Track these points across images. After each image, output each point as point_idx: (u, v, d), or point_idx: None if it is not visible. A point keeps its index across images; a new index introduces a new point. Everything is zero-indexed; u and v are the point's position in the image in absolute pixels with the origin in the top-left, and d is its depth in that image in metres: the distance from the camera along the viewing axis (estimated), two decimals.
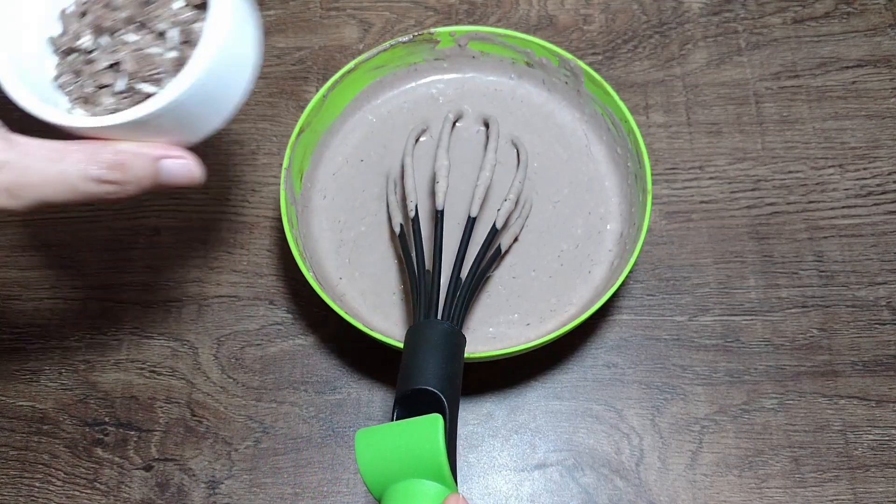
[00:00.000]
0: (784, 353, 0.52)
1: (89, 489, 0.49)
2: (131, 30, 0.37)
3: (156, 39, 0.37)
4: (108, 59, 0.37)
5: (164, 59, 0.36)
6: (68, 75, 0.37)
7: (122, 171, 0.33)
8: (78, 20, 0.38)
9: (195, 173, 0.35)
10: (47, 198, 0.32)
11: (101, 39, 0.37)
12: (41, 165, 0.31)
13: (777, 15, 0.62)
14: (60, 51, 0.38)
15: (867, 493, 0.48)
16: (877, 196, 0.56)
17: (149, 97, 0.35)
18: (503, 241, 0.49)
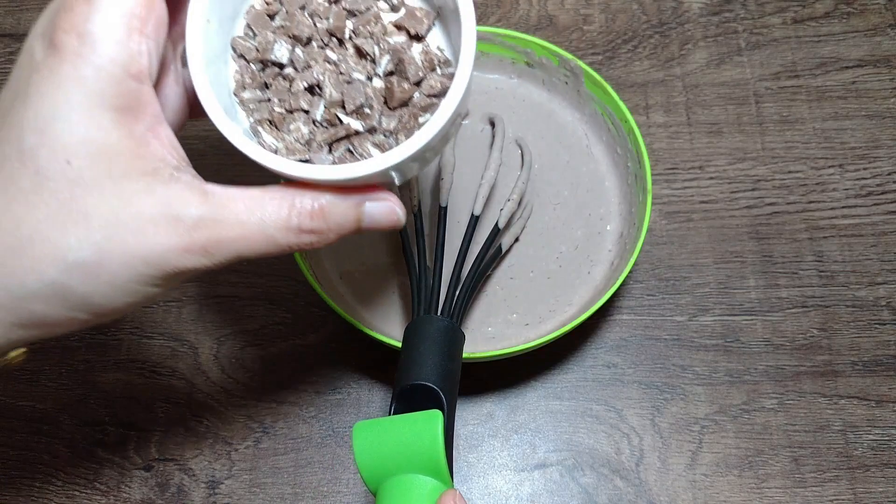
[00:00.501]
0: (784, 353, 0.52)
1: (89, 489, 0.49)
2: (333, 45, 0.32)
3: (359, 60, 0.32)
4: (306, 80, 0.31)
5: (369, 89, 0.31)
6: (253, 90, 0.32)
7: (323, 220, 0.30)
8: (268, 23, 0.32)
9: (399, 215, 0.31)
10: (244, 252, 0.29)
11: (298, 51, 0.32)
12: (239, 218, 0.28)
13: (777, 15, 0.62)
14: (244, 57, 0.32)
15: (867, 493, 0.48)
16: (877, 196, 0.56)
17: (352, 133, 0.31)
18: (504, 241, 0.49)
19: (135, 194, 0.27)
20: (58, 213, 0.26)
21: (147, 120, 0.28)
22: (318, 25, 0.32)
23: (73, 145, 0.26)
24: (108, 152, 0.27)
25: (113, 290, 0.28)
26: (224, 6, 0.31)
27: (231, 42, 0.32)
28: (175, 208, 0.28)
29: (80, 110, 0.26)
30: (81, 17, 0.26)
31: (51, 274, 0.27)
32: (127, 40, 0.27)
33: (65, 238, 0.27)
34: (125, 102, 0.27)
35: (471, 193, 0.51)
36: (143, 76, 0.27)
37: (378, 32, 0.32)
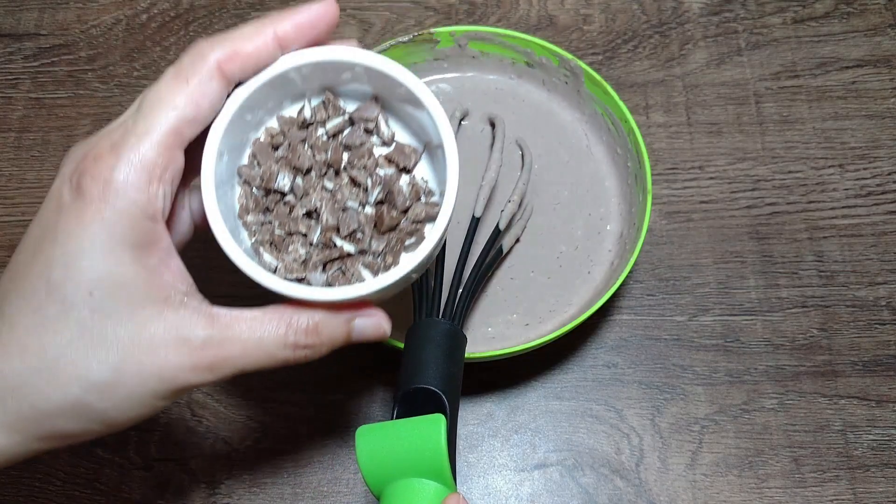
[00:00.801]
0: (784, 353, 0.52)
1: (89, 489, 0.49)
2: (330, 175, 0.36)
3: (353, 189, 0.35)
4: (305, 206, 0.35)
5: (361, 216, 0.35)
6: (256, 214, 0.35)
7: (317, 335, 0.33)
8: (272, 153, 0.36)
9: (384, 329, 0.35)
10: (245, 367, 0.32)
11: (298, 180, 0.35)
12: (241, 337, 0.32)
13: (777, 15, 0.62)
14: (249, 184, 0.35)
15: (867, 494, 0.48)
16: (877, 196, 0.56)
17: (345, 255, 0.35)
18: (505, 243, 0.49)
19: (149, 320, 0.30)
20: (80, 338, 0.30)
21: (160, 254, 0.31)
22: (316, 157, 0.35)
23: (95, 279, 0.30)
24: (126, 284, 0.30)
25: (128, 405, 0.31)
26: (234, 138, 0.34)
27: (238, 169, 0.35)
28: (184, 331, 0.31)
29: (102, 249, 0.30)
30: (107, 167, 0.30)
31: (74, 392, 0.30)
32: (146, 187, 0.30)
33: (87, 360, 0.30)
34: (141, 240, 0.31)
35: (471, 195, 0.51)
36: (157, 216, 0.31)
37: (370, 165, 0.36)
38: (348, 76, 0.35)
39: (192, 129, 0.31)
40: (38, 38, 0.63)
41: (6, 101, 0.61)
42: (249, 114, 0.34)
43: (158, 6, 0.64)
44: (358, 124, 0.36)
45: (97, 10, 0.64)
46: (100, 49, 0.62)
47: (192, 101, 0.31)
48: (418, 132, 0.37)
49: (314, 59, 0.34)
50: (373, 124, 0.36)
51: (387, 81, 0.35)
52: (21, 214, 0.57)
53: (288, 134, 0.36)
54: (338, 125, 0.36)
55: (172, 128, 0.31)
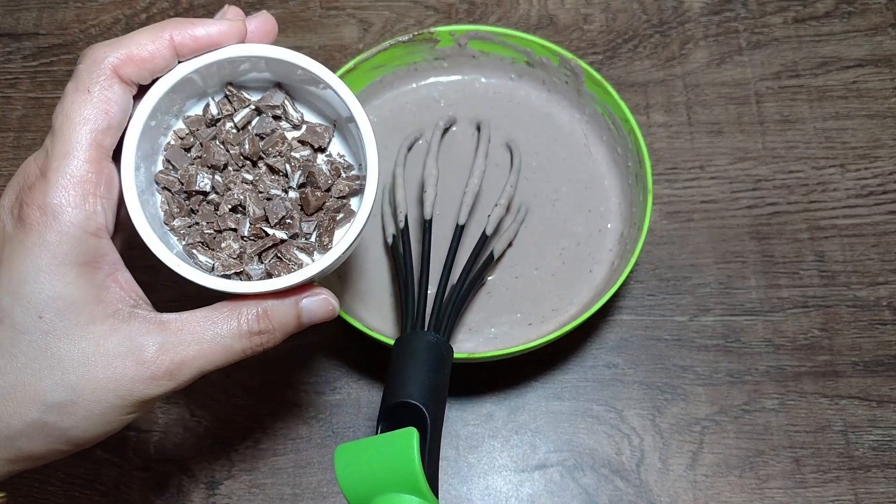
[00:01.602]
0: (785, 353, 0.51)
1: (88, 489, 0.49)
2: (247, 166, 0.36)
3: (273, 177, 0.36)
4: (230, 202, 0.35)
5: (287, 202, 0.35)
6: (182, 217, 0.35)
7: (268, 321, 0.33)
8: (185, 156, 0.36)
9: (333, 306, 0.35)
10: (205, 367, 0.33)
11: (217, 177, 0.35)
12: (195, 338, 0.32)
13: (778, 14, 0.62)
14: (169, 190, 0.35)
15: (868, 494, 0.48)
16: (878, 196, 0.56)
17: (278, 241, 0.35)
18: (496, 247, 0.48)
19: (101, 336, 0.31)
20: (34, 361, 0.30)
21: (106, 268, 0.32)
22: (230, 151, 0.35)
23: (42, 302, 0.30)
24: (75, 303, 0.31)
25: (89, 423, 0.31)
26: (144, 147, 0.34)
27: (154, 177, 0.35)
28: (137, 341, 0.31)
29: (48, 271, 0.30)
30: (40, 192, 0.30)
31: (32, 414, 0.30)
32: (83, 204, 0.30)
33: (42, 382, 0.30)
34: (86, 258, 0.31)
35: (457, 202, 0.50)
36: (100, 231, 0.31)
37: (285, 150, 0.36)
38: (247, 67, 0.35)
39: (109, 137, 0.32)
40: (37, 37, 0.63)
41: (5, 101, 0.61)
42: (155, 119, 0.34)
43: (158, 6, 0.63)
44: (265, 112, 0.36)
45: (96, 9, 0.64)
46: None
47: (100, 110, 0.31)
48: (325, 110, 0.37)
49: (215, 59, 0.34)
50: (280, 110, 0.36)
51: (285, 67, 0.35)
52: None
53: (197, 133, 0.36)
54: (245, 116, 0.36)
55: (91, 142, 0.31)
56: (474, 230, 0.49)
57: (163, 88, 0.33)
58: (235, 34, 0.34)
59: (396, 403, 0.38)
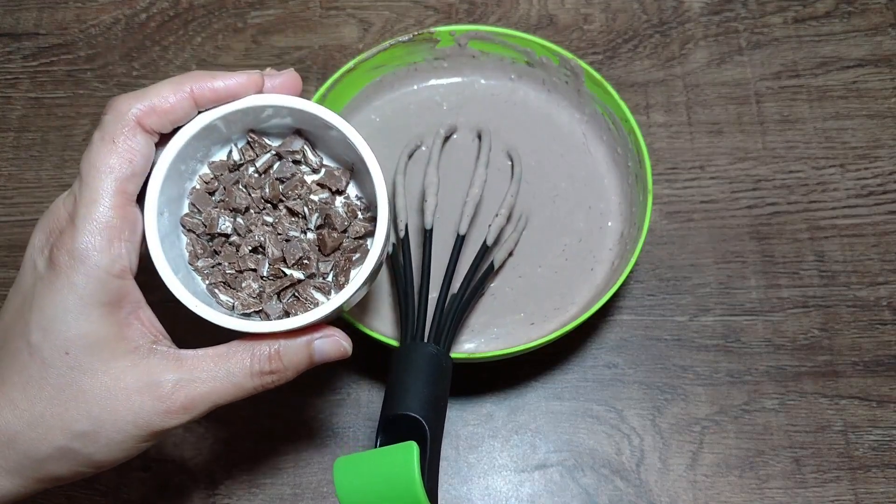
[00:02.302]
0: (785, 353, 0.51)
1: (88, 490, 0.49)
2: (268, 209, 0.38)
3: (292, 219, 0.38)
4: (250, 244, 0.37)
5: (304, 243, 0.37)
6: (205, 259, 0.37)
7: (280, 361, 0.35)
8: (209, 199, 0.38)
9: (345, 347, 0.37)
10: (218, 402, 0.35)
11: (239, 219, 0.37)
12: (209, 375, 0.34)
13: (778, 14, 0.62)
14: (193, 232, 0.37)
15: (868, 494, 0.48)
16: (878, 196, 0.56)
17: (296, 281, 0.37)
18: (497, 257, 0.48)
19: (122, 371, 0.33)
20: (60, 392, 0.33)
21: (128, 307, 0.34)
22: (252, 195, 0.37)
23: (69, 339, 0.33)
24: (98, 341, 0.33)
25: (110, 450, 0.34)
26: (171, 191, 0.36)
27: (180, 220, 0.37)
28: (155, 377, 0.34)
29: (75, 311, 0.33)
30: (69, 237, 0.33)
31: (59, 441, 0.33)
32: (108, 248, 0.33)
33: (68, 412, 0.33)
34: (110, 297, 0.33)
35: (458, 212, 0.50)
36: (124, 273, 0.34)
37: (304, 193, 0.38)
38: (269, 114, 0.37)
39: (133, 184, 0.34)
40: (37, 37, 0.63)
41: (5, 101, 0.61)
42: (183, 165, 0.36)
43: (157, 5, 0.63)
44: (285, 157, 0.38)
45: (96, 9, 0.64)
46: (99, 49, 0.62)
47: (124, 159, 0.33)
48: (343, 155, 0.39)
49: (237, 108, 0.36)
50: (300, 155, 0.38)
51: (304, 115, 0.37)
52: (20, 214, 0.57)
53: (221, 178, 0.38)
54: (267, 161, 0.38)
55: (116, 189, 0.33)
56: (475, 240, 0.49)
57: (185, 137, 0.35)
58: (252, 86, 0.36)
59: (396, 415, 0.38)
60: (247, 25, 0.62)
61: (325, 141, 0.38)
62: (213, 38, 0.62)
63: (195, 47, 0.62)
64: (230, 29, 0.62)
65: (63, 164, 0.59)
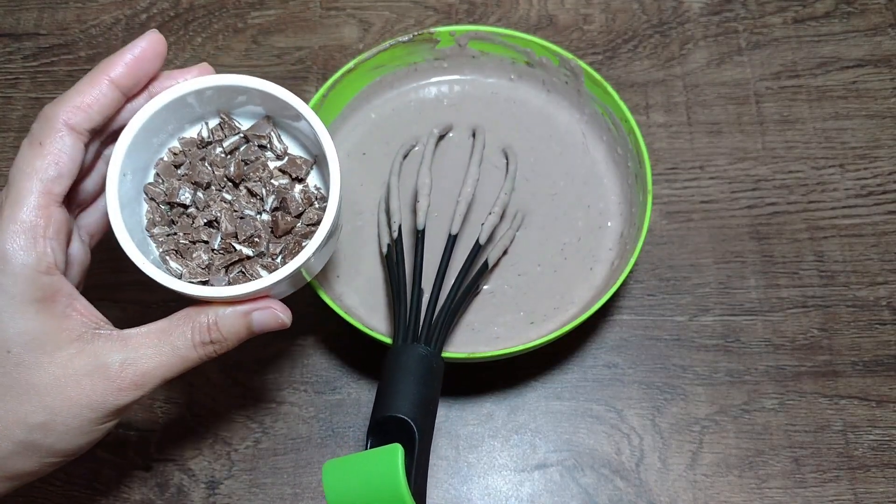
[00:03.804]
0: (784, 353, 0.52)
1: (89, 489, 0.49)
2: (228, 187, 0.40)
3: (250, 199, 0.39)
4: (206, 217, 0.39)
5: (258, 222, 0.39)
6: (162, 226, 0.39)
7: (218, 331, 0.37)
8: (174, 172, 0.40)
9: (283, 319, 0.38)
10: (166, 376, 0.36)
11: (199, 194, 0.39)
12: (154, 350, 0.36)
13: (777, 14, 0.62)
14: (154, 200, 0.39)
15: (868, 494, 0.48)
16: (877, 196, 0.56)
17: (244, 257, 0.38)
18: (491, 256, 0.48)
19: (68, 359, 0.34)
20: (10, 391, 0.34)
21: (63, 300, 0.35)
22: (215, 173, 0.39)
23: (9, 339, 0.34)
24: (39, 336, 0.34)
25: (71, 437, 0.35)
26: (138, 160, 0.38)
27: (144, 188, 0.39)
28: (102, 359, 0.35)
29: (9, 311, 0.34)
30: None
31: (18, 436, 0.34)
32: (33, 247, 0.34)
33: (22, 407, 0.34)
34: (43, 294, 0.34)
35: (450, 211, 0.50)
36: (51, 269, 0.34)
37: (265, 177, 0.40)
38: (243, 99, 0.39)
39: (59, 185, 0.35)
40: (37, 37, 0.63)
41: (6, 101, 0.61)
42: (154, 136, 0.38)
43: (158, 6, 0.63)
44: (252, 141, 0.40)
45: (96, 9, 0.64)
46: (99, 49, 0.62)
47: (50, 162, 0.34)
48: (310, 147, 0.41)
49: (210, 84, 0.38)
50: (266, 140, 0.40)
51: (276, 102, 0.38)
52: None
53: (188, 153, 0.40)
54: (234, 143, 0.40)
55: (41, 190, 0.34)
56: (469, 239, 0.49)
57: (155, 106, 0.37)
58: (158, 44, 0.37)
59: (385, 418, 0.38)
60: (247, 26, 0.63)
61: (294, 132, 0.41)
62: (214, 38, 0.62)
63: (195, 48, 0.62)
64: (230, 29, 0.62)
65: None
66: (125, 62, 0.36)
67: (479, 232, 0.48)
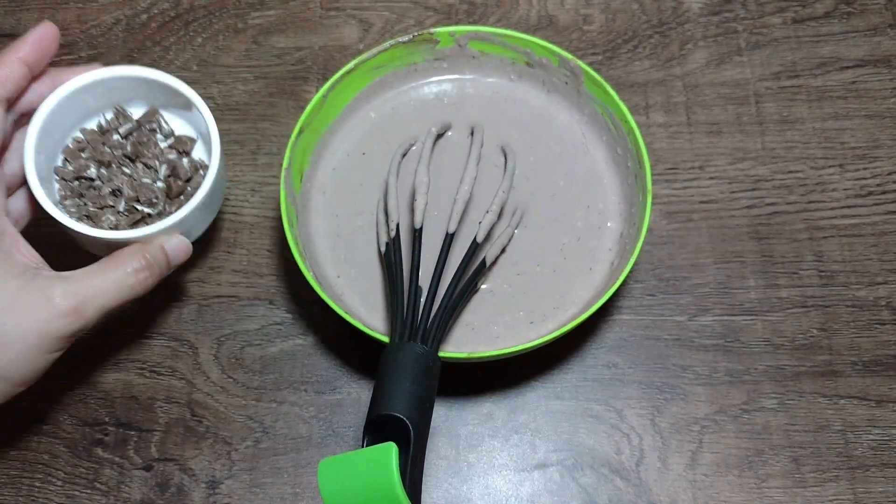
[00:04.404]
0: (784, 353, 0.52)
1: (89, 489, 0.49)
2: (126, 163, 0.48)
3: (146, 171, 0.48)
4: (110, 186, 0.47)
5: (155, 188, 0.48)
6: (72, 198, 0.47)
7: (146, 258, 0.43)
8: (79, 155, 0.48)
9: (189, 248, 0.46)
10: (105, 304, 0.42)
11: (102, 170, 0.48)
12: (92, 282, 0.41)
13: (777, 15, 0.62)
14: (64, 179, 0.48)
15: (867, 494, 0.48)
16: (877, 196, 0.56)
17: (146, 215, 0.47)
18: (489, 254, 0.48)
19: (16, 290, 0.39)
20: None
21: (8, 241, 0.41)
22: (115, 153, 0.48)
23: None
24: None
25: (22, 364, 0.40)
26: (48, 145, 0.47)
27: (54, 170, 0.48)
28: (46, 291, 0.40)
29: None
30: None
31: None
32: None
33: None
34: None
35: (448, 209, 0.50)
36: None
37: (157, 153, 0.49)
38: (132, 94, 0.49)
39: None
40: None
41: None
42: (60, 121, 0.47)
43: (158, 6, 0.64)
44: (144, 126, 0.49)
45: (97, 10, 0.64)
46: (100, 49, 0.62)
47: None
48: (197, 127, 0.50)
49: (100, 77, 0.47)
50: (155, 124, 0.49)
51: (166, 90, 0.48)
52: None
53: (91, 140, 0.48)
54: (128, 129, 0.49)
55: None
56: (468, 237, 0.48)
57: (58, 97, 0.45)
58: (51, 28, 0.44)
59: (380, 416, 0.38)
60: (247, 26, 0.63)
61: (180, 116, 0.50)
62: (214, 38, 0.62)
63: (196, 48, 0.62)
64: (231, 29, 0.62)
65: None
66: (29, 42, 0.43)
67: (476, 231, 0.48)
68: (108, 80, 0.47)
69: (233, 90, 0.60)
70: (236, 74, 0.61)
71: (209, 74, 0.61)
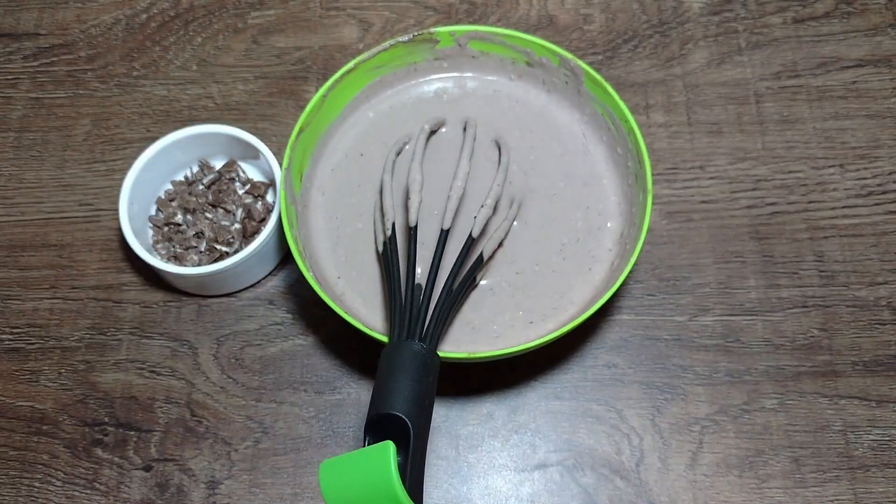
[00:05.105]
0: (784, 353, 0.52)
1: (89, 489, 0.49)
2: (209, 209, 0.54)
3: (225, 215, 0.54)
4: (194, 230, 0.54)
5: (232, 229, 0.54)
6: (163, 242, 0.54)
7: None
8: (169, 204, 0.55)
9: None
10: None
11: (188, 216, 0.54)
12: None
13: (777, 14, 0.62)
14: (156, 225, 0.54)
15: (867, 494, 0.48)
16: (877, 196, 0.56)
17: (224, 253, 0.53)
18: (486, 249, 0.48)
19: None
20: None
21: None
22: (199, 200, 0.54)
23: None
24: None
25: None
26: (141, 196, 0.54)
27: (149, 218, 0.55)
28: None
29: None
30: None
31: None
32: None
33: None
34: None
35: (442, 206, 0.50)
36: None
37: (236, 199, 0.55)
38: (215, 149, 0.55)
39: None
40: (37, 37, 0.63)
41: (6, 101, 0.61)
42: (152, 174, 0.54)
43: (158, 6, 0.63)
44: (224, 175, 0.56)
45: (96, 9, 0.64)
46: (99, 49, 0.62)
47: None
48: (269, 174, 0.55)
49: (189, 134, 0.54)
50: (234, 174, 0.56)
51: (241, 143, 0.54)
52: (20, 214, 0.57)
53: (178, 190, 0.55)
54: (211, 179, 0.55)
55: None
56: (465, 233, 0.48)
57: (149, 155, 0.53)
58: None
59: (380, 415, 0.38)
60: (247, 26, 0.63)
61: (255, 164, 0.56)
62: (214, 38, 0.62)
63: (195, 47, 0.62)
64: (230, 29, 0.62)
65: (63, 164, 0.59)
66: None
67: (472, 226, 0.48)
68: (193, 136, 0.54)
69: (233, 90, 0.60)
70: (236, 74, 0.61)
71: (209, 74, 0.61)
